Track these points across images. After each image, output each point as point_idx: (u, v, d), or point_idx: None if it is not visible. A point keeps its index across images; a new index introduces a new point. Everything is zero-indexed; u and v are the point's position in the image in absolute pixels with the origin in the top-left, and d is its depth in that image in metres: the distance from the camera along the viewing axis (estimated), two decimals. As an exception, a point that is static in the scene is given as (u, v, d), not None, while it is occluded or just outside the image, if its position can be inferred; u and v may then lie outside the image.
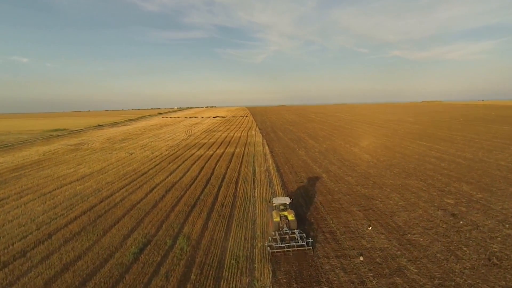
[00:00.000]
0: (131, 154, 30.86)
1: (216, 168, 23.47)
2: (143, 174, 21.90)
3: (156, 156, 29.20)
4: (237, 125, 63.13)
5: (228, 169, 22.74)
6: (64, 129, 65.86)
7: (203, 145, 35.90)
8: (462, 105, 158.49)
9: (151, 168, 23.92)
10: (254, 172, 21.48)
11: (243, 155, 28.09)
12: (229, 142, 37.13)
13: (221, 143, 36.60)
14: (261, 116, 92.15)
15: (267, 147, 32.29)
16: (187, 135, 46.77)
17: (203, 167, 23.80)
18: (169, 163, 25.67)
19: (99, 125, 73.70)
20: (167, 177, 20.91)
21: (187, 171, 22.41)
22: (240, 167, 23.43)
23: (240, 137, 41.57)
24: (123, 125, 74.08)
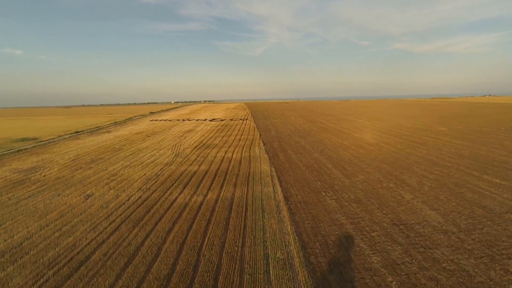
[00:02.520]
0: (88, 199, 22.14)
1: (204, 247, 14.81)
2: (79, 267, 13.27)
3: (120, 206, 20.52)
4: (236, 135, 54.28)
5: (224, 254, 14.10)
6: (34, 138, 57.00)
7: (192, 177, 27.25)
8: (477, 102, 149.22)
9: (100, 244, 15.25)
10: (268, 270, 12.79)
11: (246, 209, 19.45)
12: (227, 172, 28.43)
13: (215, 174, 27.92)
14: (264, 120, 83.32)
15: (278, 187, 23.66)
16: (175, 153, 38.02)
17: (183, 244, 15.14)
18: (133, 228, 17.02)
19: (76, 132, 64.84)
20: (115, 283, 12.23)
21: (154, 260, 13.74)
22: (243, 246, 14.79)
23: (240, 161, 32.85)
24: (105, 132, 65.24)
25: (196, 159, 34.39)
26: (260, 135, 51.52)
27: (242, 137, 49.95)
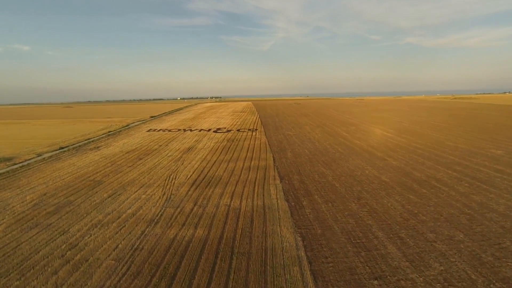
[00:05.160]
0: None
1: None
2: None
3: None
4: (245, 159, 45.99)
5: None
6: (9, 159, 49.62)
7: (182, 258, 19.20)
8: (507, 105, 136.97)
9: None
10: None
11: None
12: (233, 248, 20.23)
13: (216, 253, 19.83)
14: (276, 131, 74.87)
15: (314, 293, 15.30)
16: (166, 196, 29.87)
17: None
18: None
19: (61, 148, 57.38)
20: None
21: None
22: None
23: (252, 219, 24.60)
24: (93, 148, 57.65)
25: (192, 210, 26.13)
26: (274, 160, 43.02)
27: (253, 163, 41.50)
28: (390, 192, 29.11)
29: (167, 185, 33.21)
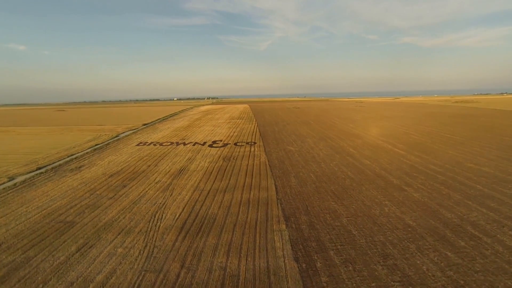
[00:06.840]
0: None
1: None
2: None
3: None
4: (243, 187, 40.71)
5: None
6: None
7: None
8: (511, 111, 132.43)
9: None
10: None
11: None
12: None
13: None
14: (276, 146, 69.79)
15: None
16: (148, 250, 24.46)
17: None
18: None
19: (38, 169, 51.66)
20: None
21: None
22: None
23: None
24: (74, 168, 51.99)
25: (178, 276, 20.85)
26: (276, 189, 37.73)
27: (252, 194, 36.16)
28: (421, 246, 23.89)
29: (150, 230, 27.75)
